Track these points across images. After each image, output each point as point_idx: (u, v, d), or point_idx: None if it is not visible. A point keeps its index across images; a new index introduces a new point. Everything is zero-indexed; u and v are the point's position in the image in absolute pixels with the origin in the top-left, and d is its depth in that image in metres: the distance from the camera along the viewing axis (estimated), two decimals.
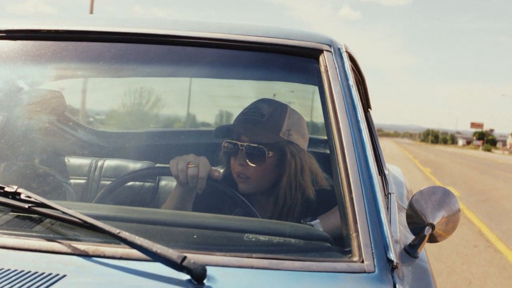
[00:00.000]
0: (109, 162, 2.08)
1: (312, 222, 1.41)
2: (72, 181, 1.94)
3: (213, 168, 1.44)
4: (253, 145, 1.52)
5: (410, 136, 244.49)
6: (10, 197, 1.01)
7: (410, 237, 1.17)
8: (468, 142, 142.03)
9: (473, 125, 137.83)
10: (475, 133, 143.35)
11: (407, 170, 16.97)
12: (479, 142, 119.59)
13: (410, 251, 1.12)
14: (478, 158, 41.20)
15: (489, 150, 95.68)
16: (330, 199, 1.42)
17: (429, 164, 24.46)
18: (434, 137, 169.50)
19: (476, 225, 7.35)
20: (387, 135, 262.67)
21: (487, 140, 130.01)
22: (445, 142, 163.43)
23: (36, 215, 1.00)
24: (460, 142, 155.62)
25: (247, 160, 1.52)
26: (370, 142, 1.20)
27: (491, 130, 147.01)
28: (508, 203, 10.51)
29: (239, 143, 1.53)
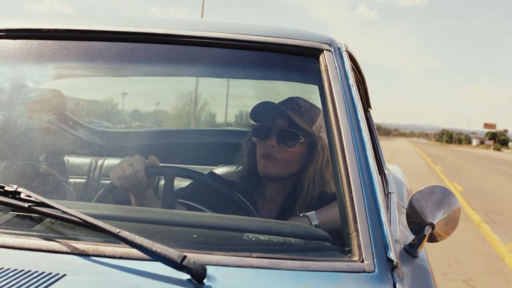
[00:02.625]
0: (109, 161, 2.08)
1: (307, 214, 1.42)
2: (72, 180, 1.94)
3: (152, 157, 1.45)
4: (286, 129, 1.55)
5: (426, 136, 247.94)
6: (10, 196, 1.01)
7: (410, 237, 1.17)
8: (482, 142, 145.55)
9: (486, 125, 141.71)
10: (487, 134, 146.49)
11: (415, 159, 28.07)
12: (491, 142, 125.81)
13: (410, 250, 1.12)
14: (478, 154, 51.80)
15: (498, 150, 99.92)
16: None
17: (432, 157, 34.66)
18: (449, 137, 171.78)
19: (440, 177, 16.16)
20: (403, 135, 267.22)
21: (499, 140, 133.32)
22: (459, 142, 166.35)
23: (36, 215, 1.00)
24: (474, 142, 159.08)
25: (278, 142, 1.54)
26: (370, 142, 1.20)
27: (505, 131, 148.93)
28: (467, 172, 19.95)
29: (273, 126, 1.55)
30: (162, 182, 1.80)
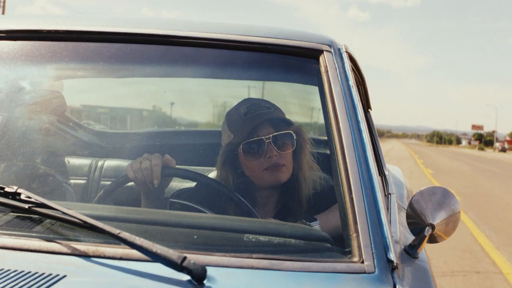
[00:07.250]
0: (109, 163, 2.08)
1: (311, 223, 1.41)
2: (72, 181, 1.94)
3: (168, 156, 1.43)
4: (279, 133, 1.52)
5: (418, 137, 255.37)
6: (10, 197, 1.01)
7: (410, 238, 1.17)
8: (469, 143, 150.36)
9: (474, 127, 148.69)
10: (474, 135, 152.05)
11: (404, 153, 41.24)
12: (476, 143, 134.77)
13: (410, 251, 1.12)
14: (456, 151, 65.58)
15: (482, 149, 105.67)
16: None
17: (417, 152, 47.78)
18: (439, 138, 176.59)
19: (415, 159, 29.94)
20: (396, 136, 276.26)
21: (485, 141, 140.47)
22: (450, 142, 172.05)
23: (36, 216, 1.00)
24: (464, 142, 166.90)
25: (279, 149, 1.51)
26: (370, 143, 1.20)
27: (493, 132, 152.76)
28: (433, 158, 35.18)
29: (264, 137, 1.51)
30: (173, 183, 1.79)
